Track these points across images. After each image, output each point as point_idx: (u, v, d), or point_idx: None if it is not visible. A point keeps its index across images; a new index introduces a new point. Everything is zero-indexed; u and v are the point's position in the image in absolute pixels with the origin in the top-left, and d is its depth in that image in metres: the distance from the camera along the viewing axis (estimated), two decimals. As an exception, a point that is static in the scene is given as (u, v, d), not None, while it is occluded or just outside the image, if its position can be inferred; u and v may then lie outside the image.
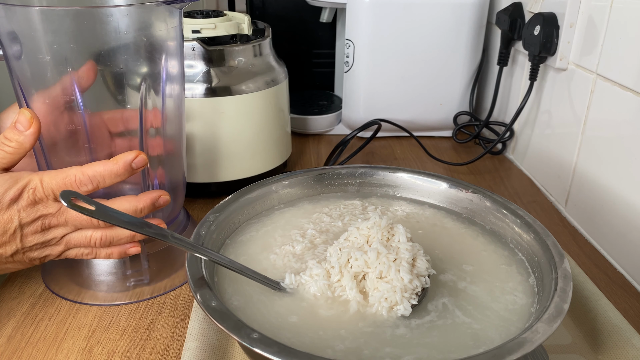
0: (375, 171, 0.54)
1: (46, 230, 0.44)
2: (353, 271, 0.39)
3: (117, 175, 0.44)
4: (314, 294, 0.39)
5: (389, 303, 0.38)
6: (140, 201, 0.46)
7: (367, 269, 0.39)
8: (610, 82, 0.59)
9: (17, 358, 0.45)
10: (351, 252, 0.40)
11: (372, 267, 0.39)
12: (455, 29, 0.84)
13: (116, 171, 0.44)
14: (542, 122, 0.75)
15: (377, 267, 0.38)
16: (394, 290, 0.38)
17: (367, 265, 0.39)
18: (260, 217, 0.50)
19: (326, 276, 0.40)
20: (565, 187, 0.69)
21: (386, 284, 0.38)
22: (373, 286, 0.38)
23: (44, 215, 0.44)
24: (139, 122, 0.48)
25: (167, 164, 0.52)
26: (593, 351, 0.44)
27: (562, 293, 0.36)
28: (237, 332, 0.32)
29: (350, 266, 0.39)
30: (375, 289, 0.38)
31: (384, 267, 0.38)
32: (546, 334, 0.32)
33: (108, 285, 0.52)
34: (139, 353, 0.46)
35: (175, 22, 0.48)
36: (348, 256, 0.40)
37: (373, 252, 0.39)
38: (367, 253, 0.39)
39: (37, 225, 0.44)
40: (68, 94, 0.45)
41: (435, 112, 0.90)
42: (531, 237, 0.44)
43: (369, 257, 0.39)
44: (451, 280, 0.42)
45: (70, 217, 0.44)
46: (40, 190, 0.43)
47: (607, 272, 0.58)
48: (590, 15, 0.63)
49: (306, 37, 1.00)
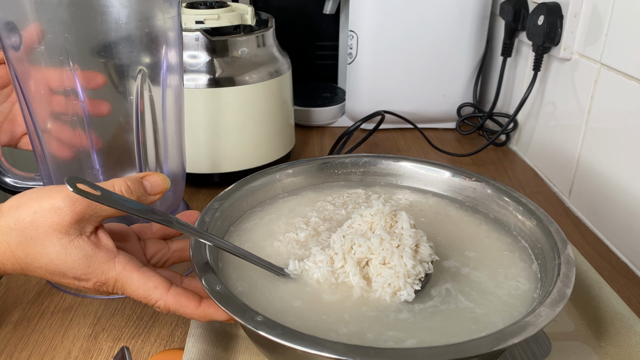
0: (379, 160, 0.54)
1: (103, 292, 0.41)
2: (356, 257, 0.39)
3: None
4: (317, 280, 0.39)
5: (392, 288, 0.38)
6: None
7: (371, 255, 0.39)
8: (614, 72, 0.59)
9: (24, 345, 0.45)
10: (354, 239, 0.40)
11: (375, 253, 0.39)
12: (459, 20, 0.84)
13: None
14: (546, 113, 0.75)
15: (380, 253, 0.39)
16: (397, 276, 0.38)
17: (370, 251, 0.39)
18: (264, 205, 0.50)
19: (329, 262, 0.40)
20: (569, 177, 0.69)
21: (389, 270, 0.38)
22: (376, 272, 0.39)
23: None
24: (135, 114, 0.48)
25: (166, 154, 0.53)
26: (596, 338, 0.44)
27: (565, 278, 0.36)
28: (241, 315, 0.32)
29: (353, 252, 0.39)
30: (379, 274, 0.38)
31: (387, 253, 0.38)
32: (549, 317, 0.32)
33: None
34: (144, 340, 0.46)
35: (173, 12, 0.48)
36: (352, 242, 0.40)
37: (376, 238, 0.39)
38: (370, 239, 0.39)
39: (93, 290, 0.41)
40: (66, 85, 0.45)
41: (439, 103, 0.90)
42: (534, 224, 0.44)
43: (372, 244, 0.39)
44: (454, 266, 0.42)
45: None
46: (108, 287, 0.39)
47: (611, 261, 0.58)
48: (595, 4, 0.63)
49: (309, 29, 1.00)
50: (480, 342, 0.31)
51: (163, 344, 0.46)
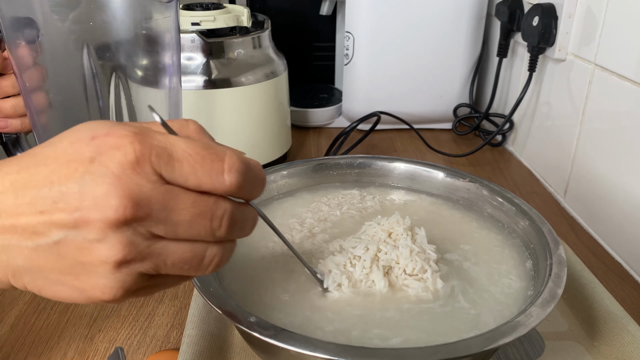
0: (374, 161, 0.54)
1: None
2: (382, 265, 0.39)
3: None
4: (341, 286, 0.39)
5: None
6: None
7: (395, 264, 0.40)
8: (608, 73, 0.59)
9: (20, 346, 0.45)
10: (380, 246, 0.40)
11: (401, 262, 0.39)
12: (455, 21, 0.84)
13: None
14: (542, 114, 0.75)
15: (409, 264, 0.39)
16: (426, 289, 0.39)
17: (397, 260, 0.40)
18: (259, 206, 0.50)
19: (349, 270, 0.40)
20: (564, 178, 0.69)
21: (418, 283, 0.39)
22: (401, 281, 0.39)
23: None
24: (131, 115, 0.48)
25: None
26: (589, 338, 0.44)
27: (556, 278, 0.36)
28: (234, 316, 0.33)
29: (379, 260, 0.40)
30: (405, 285, 0.39)
31: (416, 265, 0.39)
32: (539, 317, 0.33)
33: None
34: (140, 340, 0.46)
35: (170, 13, 0.48)
36: (377, 250, 0.40)
37: (406, 249, 0.39)
38: (398, 248, 0.40)
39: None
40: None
41: (435, 104, 0.90)
42: (527, 224, 0.44)
43: (401, 253, 0.39)
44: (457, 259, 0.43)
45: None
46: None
47: (605, 261, 0.58)
48: (589, 5, 0.63)
49: (306, 30, 1.00)
50: (471, 342, 0.31)
51: (159, 344, 0.46)
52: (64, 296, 0.27)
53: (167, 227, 0.26)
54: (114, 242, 0.25)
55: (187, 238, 0.27)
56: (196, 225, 0.26)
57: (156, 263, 0.26)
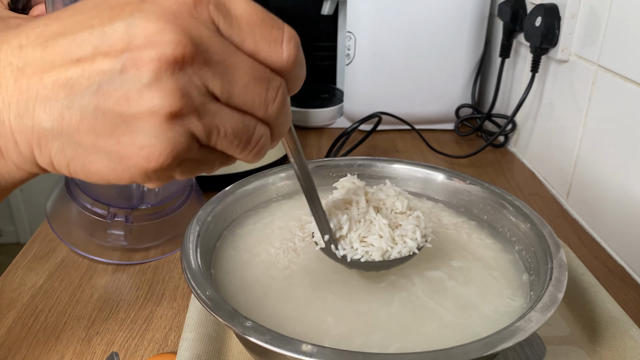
0: (373, 163, 0.54)
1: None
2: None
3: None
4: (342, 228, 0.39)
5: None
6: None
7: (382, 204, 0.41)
8: (611, 74, 0.59)
9: (17, 348, 0.45)
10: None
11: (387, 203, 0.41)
12: (457, 21, 0.83)
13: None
14: (544, 115, 0.75)
15: (396, 202, 0.40)
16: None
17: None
18: (258, 209, 0.50)
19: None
20: (567, 179, 0.69)
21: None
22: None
23: None
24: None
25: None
26: (591, 342, 0.44)
27: (557, 282, 0.36)
28: (230, 320, 0.32)
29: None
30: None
31: (403, 202, 0.41)
32: (539, 322, 0.32)
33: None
34: (137, 343, 0.46)
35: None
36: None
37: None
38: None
39: None
40: None
41: (437, 104, 0.90)
42: (528, 227, 0.43)
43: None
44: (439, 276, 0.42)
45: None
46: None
47: (608, 264, 0.57)
48: (592, 5, 0.63)
49: (308, 29, 1.00)
50: (469, 347, 0.31)
51: (156, 347, 0.46)
52: (97, 168, 0.23)
53: (224, 84, 0.22)
54: (169, 88, 0.21)
55: (240, 106, 0.24)
56: (252, 91, 0.23)
57: (209, 126, 0.23)
